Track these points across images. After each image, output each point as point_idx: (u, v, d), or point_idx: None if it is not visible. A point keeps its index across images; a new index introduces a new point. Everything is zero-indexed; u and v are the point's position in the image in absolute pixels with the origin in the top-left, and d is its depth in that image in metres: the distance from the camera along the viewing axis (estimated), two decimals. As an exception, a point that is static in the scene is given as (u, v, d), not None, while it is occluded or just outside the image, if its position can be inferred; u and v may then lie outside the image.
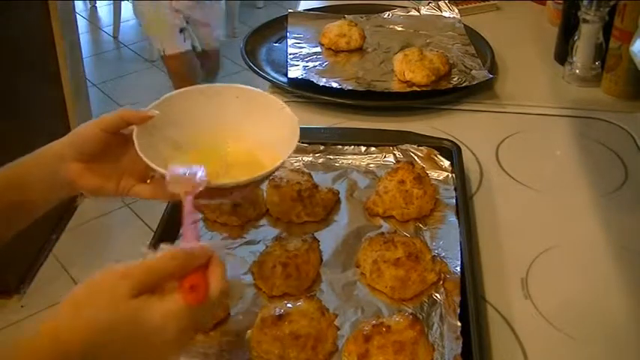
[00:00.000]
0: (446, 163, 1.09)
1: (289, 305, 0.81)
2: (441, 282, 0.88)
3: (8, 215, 0.76)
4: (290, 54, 1.46)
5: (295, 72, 1.39)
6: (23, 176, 0.76)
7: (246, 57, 1.46)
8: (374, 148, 1.13)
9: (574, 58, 1.42)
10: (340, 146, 1.13)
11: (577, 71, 1.42)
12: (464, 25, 1.60)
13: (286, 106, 0.85)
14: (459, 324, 0.80)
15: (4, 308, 2.22)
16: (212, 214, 0.99)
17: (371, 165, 1.11)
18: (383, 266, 0.87)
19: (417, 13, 1.67)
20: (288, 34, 1.55)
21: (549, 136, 1.29)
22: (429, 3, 1.69)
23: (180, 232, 0.88)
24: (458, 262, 0.90)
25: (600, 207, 1.09)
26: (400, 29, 1.61)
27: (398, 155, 1.12)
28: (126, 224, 2.62)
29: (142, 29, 3.14)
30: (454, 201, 1.02)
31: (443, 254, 0.92)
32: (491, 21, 1.72)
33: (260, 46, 1.53)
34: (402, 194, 0.99)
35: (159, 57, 2.82)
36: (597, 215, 1.07)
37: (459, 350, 0.77)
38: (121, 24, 4.17)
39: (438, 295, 0.86)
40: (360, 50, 1.50)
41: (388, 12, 1.67)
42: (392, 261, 0.87)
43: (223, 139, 0.85)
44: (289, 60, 1.43)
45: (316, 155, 1.13)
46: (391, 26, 1.62)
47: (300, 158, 1.12)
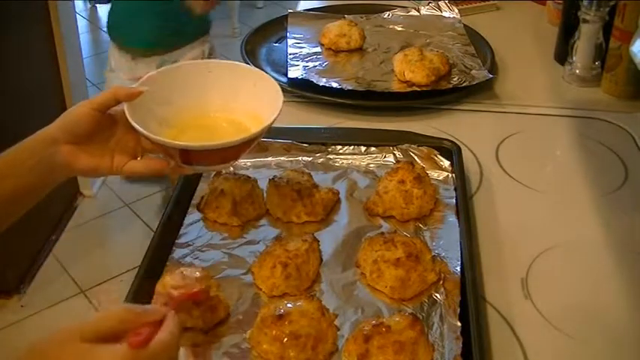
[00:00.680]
0: (446, 163, 1.09)
1: (289, 305, 0.80)
2: (441, 282, 0.88)
3: (2, 206, 0.76)
4: (290, 54, 1.46)
5: (295, 72, 1.39)
6: (14, 166, 0.77)
7: (246, 57, 1.46)
8: (374, 148, 1.13)
9: (574, 58, 1.42)
10: (340, 146, 1.13)
11: (577, 71, 1.42)
12: (464, 25, 1.60)
13: (264, 73, 0.91)
14: (459, 324, 0.80)
15: (4, 308, 2.22)
16: (212, 214, 0.99)
17: (371, 165, 1.11)
18: (383, 266, 0.87)
19: (417, 13, 1.67)
20: (288, 34, 1.55)
21: (549, 136, 1.29)
22: (429, 3, 1.69)
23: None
24: (458, 262, 0.90)
25: (600, 207, 1.09)
26: (400, 29, 1.61)
27: (398, 155, 1.12)
28: (126, 224, 2.62)
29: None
30: (454, 201, 1.02)
31: (443, 254, 0.92)
32: (491, 21, 1.73)
33: (260, 46, 1.53)
34: (402, 194, 0.99)
35: None
36: (597, 215, 1.07)
37: (459, 350, 0.77)
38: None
39: (438, 295, 0.86)
40: (360, 50, 1.50)
41: (388, 12, 1.67)
42: (392, 261, 0.87)
43: (208, 112, 0.89)
44: (289, 60, 1.43)
45: (316, 155, 1.13)
46: (391, 26, 1.62)
47: (300, 158, 1.12)
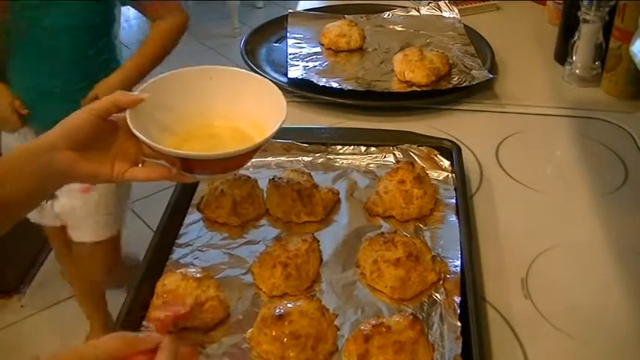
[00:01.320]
0: (446, 163, 1.09)
1: (289, 305, 0.80)
2: (441, 282, 0.88)
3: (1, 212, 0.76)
4: (290, 54, 1.46)
5: (295, 72, 1.39)
6: (13, 171, 0.76)
7: (246, 57, 1.46)
8: (374, 148, 1.13)
9: (574, 58, 1.42)
10: (340, 146, 1.13)
11: (577, 71, 1.42)
12: (464, 25, 1.60)
13: (266, 79, 0.87)
14: (459, 324, 0.80)
15: (4, 308, 2.22)
16: (212, 214, 0.99)
17: (371, 165, 1.11)
18: (383, 266, 0.87)
19: (417, 13, 1.67)
20: (288, 34, 1.55)
21: (549, 136, 1.29)
22: (429, 3, 1.69)
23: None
24: (458, 262, 0.90)
25: (600, 207, 1.09)
26: (400, 29, 1.61)
27: (398, 155, 1.12)
28: (126, 224, 2.62)
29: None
30: (454, 201, 1.02)
31: (443, 254, 0.92)
32: (491, 21, 1.73)
33: (260, 46, 1.53)
34: (402, 194, 0.99)
35: None
36: (597, 215, 1.07)
37: (459, 350, 0.77)
38: (121, 24, 4.16)
39: (438, 295, 0.86)
40: (360, 50, 1.51)
41: (388, 12, 1.67)
42: (392, 261, 0.87)
43: (210, 119, 0.87)
44: (289, 60, 1.43)
45: (316, 155, 1.13)
46: (391, 26, 1.62)
47: (300, 158, 1.12)
